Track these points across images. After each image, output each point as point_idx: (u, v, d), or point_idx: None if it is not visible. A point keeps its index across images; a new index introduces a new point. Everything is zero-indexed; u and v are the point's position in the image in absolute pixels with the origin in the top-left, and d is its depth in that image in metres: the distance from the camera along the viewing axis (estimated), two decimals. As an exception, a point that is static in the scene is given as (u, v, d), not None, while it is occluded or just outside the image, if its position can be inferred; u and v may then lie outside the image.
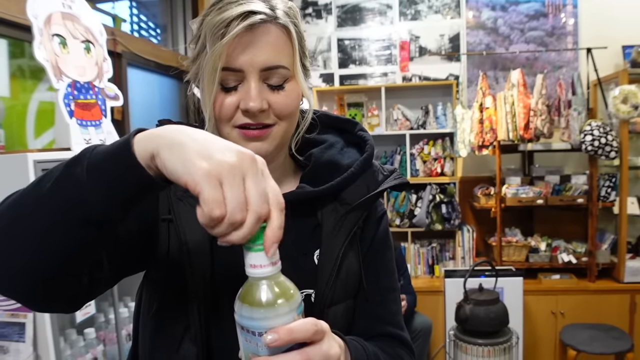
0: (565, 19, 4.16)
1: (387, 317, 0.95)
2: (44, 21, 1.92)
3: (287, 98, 0.82)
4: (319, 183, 0.88)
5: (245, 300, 0.59)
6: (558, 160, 4.18)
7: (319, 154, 0.92)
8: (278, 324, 0.58)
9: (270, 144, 0.83)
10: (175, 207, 0.83)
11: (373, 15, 4.41)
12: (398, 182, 0.92)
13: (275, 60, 0.79)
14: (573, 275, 3.81)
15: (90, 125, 2.10)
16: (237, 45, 0.77)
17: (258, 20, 0.76)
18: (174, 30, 4.35)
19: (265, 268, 0.59)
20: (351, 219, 0.88)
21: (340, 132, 0.99)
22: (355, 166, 0.90)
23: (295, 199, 0.86)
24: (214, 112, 0.81)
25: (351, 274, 0.89)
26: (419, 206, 4.07)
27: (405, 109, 4.26)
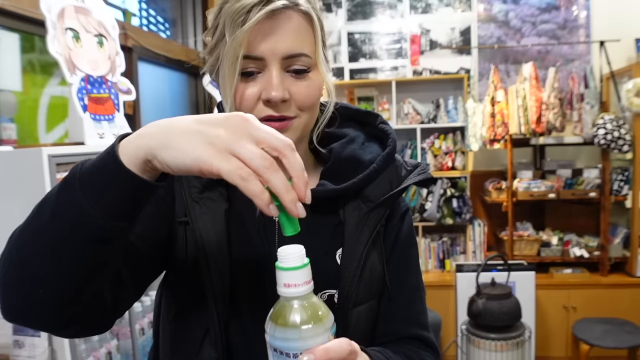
0: (578, 11, 4.12)
1: (413, 317, 0.92)
2: (57, 15, 1.92)
3: (309, 88, 0.79)
4: (341, 179, 0.85)
5: (279, 322, 0.58)
6: (570, 154, 4.15)
7: (340, 149, 0.89)
8: (313, 344, 0.57)
9: (292, 136, 0.79)
10: (191, 209, 0.81)
11: (383, 8, 4.38)
12: (422, 177, 0.89)
13: (298, 47, 0.77)
14: (585, 270, 3.79)
15: (104, 119, 2.10)
16: (258, 33, 0.74)
17: (280, 6, 0.74)
18: (183, 25, 4.35)
19: (300, 287, 0.58)
20: (374, 217, 0.85)
21: (361, 125, 0.96)
22: (378, 162, 0.87)
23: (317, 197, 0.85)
24: (234, 103, 0.78)
25: (375, 274, 0.86)
26: (429, 200, 4.06)
27: (416, 103, 4.24)
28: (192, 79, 4.21)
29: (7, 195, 1.77)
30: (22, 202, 1.76)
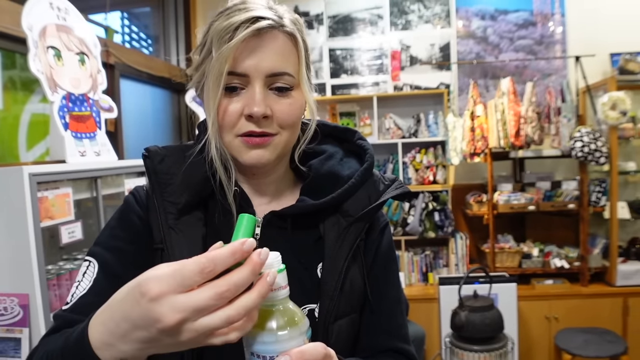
0: (554, 27, 4.21)
1: (394, 330, 0.93)
2: (39, 33, 1.92)
3: (291, 106, 0.81)
4: (320, 195, 0.87)
5: (256, 325, 0.58)
6: (549, 166, 4.22)
7: (319, 165, 0.91)
8: (289, 347, 0.58)
9: (272, 153, 0.82)
10: (167, 236, 0.82)
11: (364, 25, 4.44)
12: (400, 191, 0.90)
13: (281, 66, 0.79)
14: (566, 280, 3.83)
15: (85, 137, 2.10)
16: (243, 50, 0.77)
17: (265, 25, 0.77)
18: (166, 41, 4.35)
19: (277, 291, 0.59)
20: (354, 231, 0.86)
21: (339, 141, 0.97)
22: (356, 177, 0.88)
23: (297, 213, 0.86)
24: (217, 117, 0.80)
25: (355, 288, 0.87)
26: (412, 214, 4.09)
27: (397, 118, 4.28)
28: (175, 96, 4.21)
29: (-13, 214, 1.76)
30: (3, 220, 1.75)
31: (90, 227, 2.20)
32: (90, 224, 2.21)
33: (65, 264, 2.06)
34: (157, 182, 0.85)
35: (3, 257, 1.76)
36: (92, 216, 2.22)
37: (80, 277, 0.83)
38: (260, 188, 0.91)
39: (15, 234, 1.74)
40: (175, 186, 0.84)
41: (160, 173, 0.85)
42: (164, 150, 0.88)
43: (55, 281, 1.90)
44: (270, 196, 0.92)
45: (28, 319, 1.73)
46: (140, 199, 0.89)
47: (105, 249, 0.85)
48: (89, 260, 0.85)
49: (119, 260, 0.84)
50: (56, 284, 1.90)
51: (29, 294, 1.73)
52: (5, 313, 1.73)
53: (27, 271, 1.73)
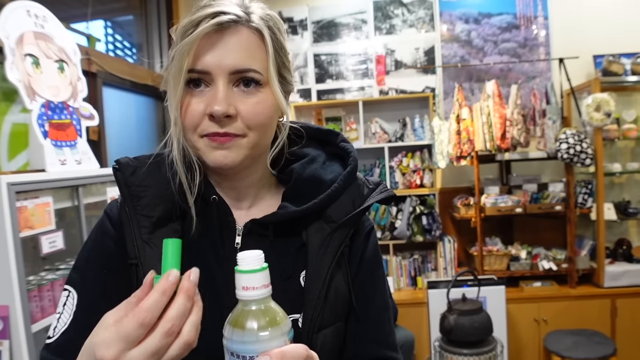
0: (537, 30, 4.24)
1: (381, 338, 0.90)
2: (16, 41, 1.90)
3: (258, 105, 0.77)
4: (302, 200, 0.84)
5: (237, 325, 0.58)
6: (535, 168, 4.24)
7: (301, 170, 0.87)
8: (269, 347, 0.57)
9: (237, 154, 0.78)
10: (141, 251, 0.79)
11: (348, 30, 4.44)
12: (384, 195, 0.88)
13: (245, 63, 0.75)
14: (554, 282, 3.84)
15: (65, 145, 2.07)
16: (204, 45, 0.74)
17: (227, 20, 0.74)
18: (149, 49, 4.33)
19: (258, 290, 0.59)
20: (338, 237, 0.84)
21: (321, 143, 0.94)
22: (339, 181, 0.86)
23: (278, 220, 0.83)
24: (180, 116, 0.76)
25: (340, 295, 0.84)
26: (399, 218, 4.08)
27: (383, 122, 4.28)
28: (159, 103, 4.18)
29: (-36, 225, 1.72)
30: (-20, 231, 1.72)
31: (72, 236, 2.17)
32: (73, 234, 2.18)
33: (46, 274, 2.03)
34: (129, 195, 0.82)
35: (-19, 269, 1.72)
36: (75, 225, 2.18)
37: (61, 309, 0.82)
38: (239, 192, 0.87)
39: (-7, 244, 1.71)
40: (149, 198, 0.81)
41: (133, 185, 0.82)
42: (135, 161, 0.85)
43: (37, 292, 1.87)
44: (250, 201, 0.88)
45: (8, 330, 1.70)
46: (113, 217, 0.86)
47: (82, 278, 0.84)
48: (68, 290, 0.83)
49: (95, 289, 0.82)
50: (37, 295, 1.87)
51: (8, 306, 1.70)
52: (-16, 326, 1.70)
53: (6, 282, 1.70)
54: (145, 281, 0.59)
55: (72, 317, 0.81)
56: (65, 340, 0.80)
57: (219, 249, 0.83)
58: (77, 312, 0.81)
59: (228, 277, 0.79)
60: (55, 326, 0.82)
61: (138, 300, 0.57)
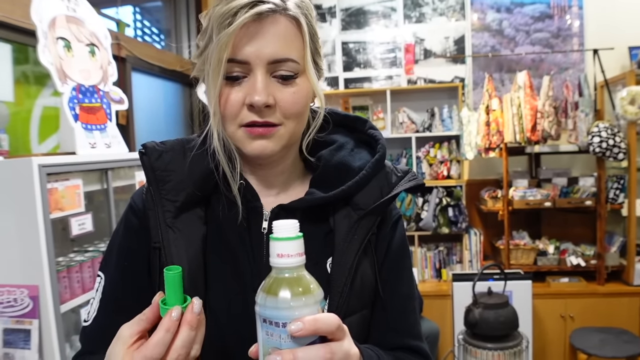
0: (571, 20, 4.14)
1: (406, 328, 0.89)
2: (49, 24, 1.91)
3: (295, 95, 0.77)
4: (330, 187, 0.83)
5: (270, 292, 0.58)
6: (565, 162, 4.15)
7: (329, 156, 0.87)
8: (302, 314, 0.57)
9: (276, 144, 0.78)
10: (165, 235, 0.79)
11: (377, 18, 4.39)
12: (413, 183, 0.86)
13: (284, 52, 0.75)
14: (582, 279, 3.77)
15: (95, 129, 2.08)
16: (243, 36, 0.73)
17: (265, 9, 0.73)
18: (177, 35, 4.35)
19: (293, 258, 0.59)
20: (365, 225, 0.83)
21: (349, 130, 0.93)
22: (367, 168, 0.84)
23: (306, 206, 0.83)
24: (219, 107, 0.77)
25: (366, 283, 0.84)
26: (425, 209, 4.05)
27: (410, 112, 4.24)
28: (187, 89, 4.20)
29: (-3, 205, 1.75)
30: (13, 212, 1.74)
31: (101, 219, 2.19)
32: (102, 217, 2.20)
33: (75, 256, 2.06)
34: (154, 180, 0.82)
35: (13, 249, 1.75)
36: (103, 208, 2.21)
37: (95, 294, 0.88)
38: (267, 179, 0.88)
39: (25, 225, 1.73)
40: (174, 183, 0.81)
41: (158, 170, 0.82)
42: (161, 145, 0.85)
43: (66, 273, 1.90)
44: (279, 188, 0.89)
45: (38, 310, 1.72)
46: (136, 207, 0.87)
47: (109, 266, 0.88)
48: (100, 275, 0.89)
49: (118, 279, 0.86)
50: (66, 276, 1.90)
51: (38, 286, 1.72)
52: (15, 304, 1.73)
53: (37, 263, 1.73)
54: (153, 302, 0.67)
55: (99, 305, 0.86)
56: (95, 327, 0.85)
57: (244, 234, 0.83)
58: (103, 300, 0.86)
59: (253, 262, 0.82)
60: (89, 310, 0.87)
61: (146, 319, 0.66)
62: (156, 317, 0.66)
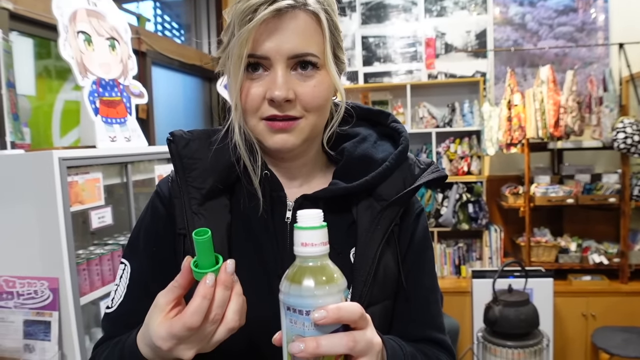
0: (596, 13, 4.06)
1: (428, 320, 0.90)
2: (69, 18, 1.92)
3: (316, 89, 0.78)
4: (353, 178, 0.84)
5: (295, 280, 0.59)
6: (589, 158, 4.08)
7: (352, 148, 0.88)
8: (326, 303, 0.58)
9: (297, 137, 0.80)
10: (190, 221, 0.81)
11: (398, 12, 4.35)
12: (436, 175, 0.86)
13: (304, 47, 0.76)
14: (604, 277, 3.71)
15: (116, 122, 2.09)
16: (263, 31, 0.74)
17: (285, 5, 0.73)
18: (197, 30, 4.36)
19: (317, 247, 0.60)
20: (388, 216, 0.83)
21: (372, 124, 0.94)
22: (390, 160, 0.85)
23: (329, 196, 0.83)
24: (240, 101, 0.78)
25: (389, 274, 0.85)
26: (445, 205, 4.01)
27: (431, 107, 4.20)
28: (206, 84, 4.22)
29: (19, 197, 1.77)
30: (34, 204, 1.76)
31: (120, 212, 2.20)
32: (121, 210, 2.21)
33: (95, 248, 2.07)
34: (181, 167, 0.84)
35: (34, 241, 1.77)
36: (123, 202, 2.22)
37: (118, 281, 0.90)
38: (291, 172, 0.89)
39: (45, 218, 1.74)
40: (200, 171, 0.83)
41: (185, 157, 0.84)
42: (189, 134, 0.87)
43: (85, 266, 1.91)
44: (302, 179, 0.90)
45: (58, 302, 1.74)
46: (162, 194, 0.90)
47: (135, 253, 0.90)
48: (124, 263, 0.90)
49: (146, 265, 0.88)
50: (86, 269, 1.91)
51: (58, 278, 1.74)
52: (35, 296, 1.75)
53: (57, 255, 1.74)
54: (183, 267, 0.66)
55: (126, 290, 0.88)
56: (122, 313, 0.87)
57: (268, 224, 0.84)
58: (130, 286, 0.88)
59: (277, 251, 0.83)
60: (113, 297, 0.89)
61: (180, 285, 0.67)
62: (189, 282, 0.67)
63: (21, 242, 1.78)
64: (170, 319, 0.65)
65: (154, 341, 0.66)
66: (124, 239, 2.23)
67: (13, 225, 1.79)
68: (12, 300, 1.76)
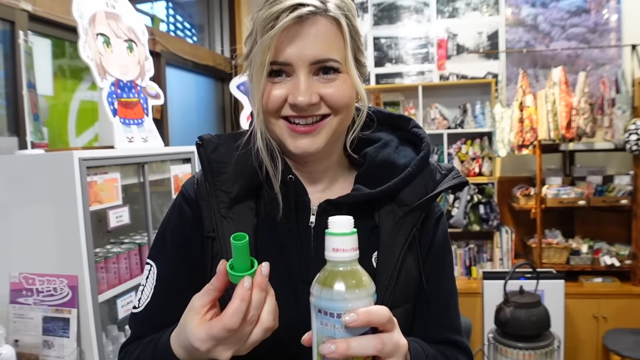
0: (608, 14, 4.05)
1: (447, 322, 0.92)
2: (89, 20, 1.95)
3: (340, 88, 0.79)
4: (375, 183, 0.85)
5: (326, 284, 0.61)
6: (600, 160, 4.07)
7: (374, 153, 0.89)
8: (356, 306, 0.60)
9: (323, 139, 0.81)
10: (219, 224, 0.83)
11: (410, 13, 4.36)
12: (457, 181, 0.88)
13: (325, 53, 0.77)
14: (616, 279, 3.70)
15: (133, 123, 2.12)
16: (285, 38, 0.76)
17: (306, 12, 0.75)
18: (210, 30, 4.38)
19: (348, 253, 0.62)
20: (410, 221, 0.85)
21: (393, 129, 0.95)
22: (412, 166, 0.86)
23: (353, 202, 0.85)
24: (262, 104, 0.79)
25: (410, 278, 0.86)
26: (456, 206, 4.01)
27: (442, 108, 4.21)
28: (219, 84, 4.24)
29: (39, 196, 1.80)
30: (54, 204, 1.79)
31: (136, 211, 2.23)
32: (137, 209, 2.24)
33: (112, 247, 2.10)
34: (210, 171, 0.85)
35: (53, 239, 1.80)
36: (139, 201, 2.25)
37: (144, 282, 0.91)
38: (313, 175, 0.90)
39: (65, 217, 1.77)
40: (228, 175, 0.85)
41: (214, 162, 0.86)
42: (217, 138, 0.89)
43: (103, 264, 1.94)
44: (325, 184, 0.91)
45: (77, 299, 1.77)
46: (188, 196, 0.91)
47: (161, 254, 0.92)
48: (150, 264, 0.92)
49: (172, 266, 0.89)
50: (104, 267, 1.94)
51: (77, 276, 1.77)
52: (54, 293, 1.78)
53: (76, 253, 1.77)
54: (219, 270, 0.68)
55: (153, 291, 0.89)
56: (149, 313, 0.89)
57: (293, 227, 0.85)
58: (157, 286, 0.89)
59: (301, 254, 0.84)
60: (140, 297, 0.91)
61: (215, 288, 0.68)
62: (224, 285, 0.68)
63: (41, 240, 1.81)
64: (206, 321, 0.67)
65: (191, 342, 0.67)
66: (139, 238, 2.26)
67: (33, 224, 1.82)
68: (32, 297, 1.80)
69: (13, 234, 1.84)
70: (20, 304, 1.80)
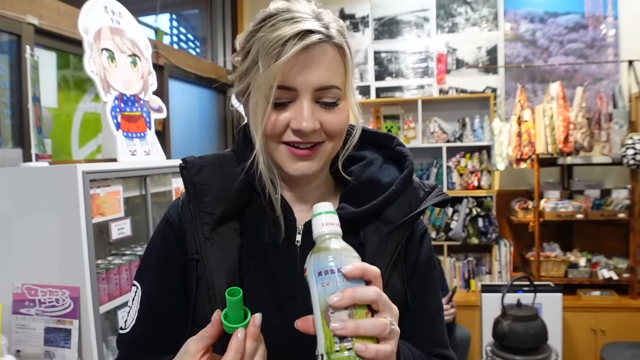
0: (606, 30, 4.09)
1: (433, 337, 0.92)
2: (94, 36, 1.99)
3: (339, 117, 0.81)
4: (360, 202, 0.86)
5: (321, 249, 0.67)
6: (598, 174, 4.10)
7: (359, 172, 0.90)
8: (352, 261, 0.66)
9: (319, 163, 0.82)
10: (203, 246, 0.83)
11: (410, 28, 4.41)
12: (440, 199, 0.89)
13: (330, 80, 0.78)
14: (614, 292, 3.72)
15: (136, 136, 2.15)
16: (293, 65, 0.76)
17: (316, 41, 0.75)
18: (213, 43, 4.43)
19: (335, 226, 0.69)
20: (395, 238, 0.86)
21: (377, 147, 0.96)
22: (397, 184, 0.87)
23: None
24: (265, 129, 0.79)
25: (396, 294, 0.85)
26: (455, 219, 4.04)
27: (442, 122, 4.24)
28: (221, 96, 4.28)
29: (42, 208, 1.82)
30: (57, 216, 1.82)
31: (138, 224, 2.25)
32: (139, 221, 2.27)
33: (114, 259, 2.13)
34: (194, 193, 0.85)
35: (56, 251, 1.82)
36: (140, 212, 2.27)
37: (131, 302, 0.93)
38: (302, 196, 0.91)
39: (68, 228, 1.80)
40: (212, 197, 0.85)
41: (197, 184, 0.86)
42: (200, 160, 0.89)
43: (105, 275, 1.96)
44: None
45: (78, 311, 1.78)
46: (172, 220, 0.91)
47: (145, 277, 0.93)
48: (136, 285, 0.93)
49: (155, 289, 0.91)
50: (105, 278, 1.96)
51: (79, 287, 1.78)
52: (56, 304, 1.80)
53: (78, 265, 1.79)
54: (213, 319, 0.70)
55: (137, 314, 0.90)
56: (134, 334, 0.90)
57: (279, 246, 0.86)
58: (141, 309, 0.90)
59: (287, 273, 0.85)
60: (126, 319, 0.92)
61: (210, 336, 0.70)
62: (218, 334, 0.71)
63: (44, 252, 1.83)
64: None
65: None
66: (141, 250, 2.28)
67: (36, 235, 1.84)
68: (34, 307, 1.81)
69: (16, 245, 1.86)
70: (23, 315, 1.82)
